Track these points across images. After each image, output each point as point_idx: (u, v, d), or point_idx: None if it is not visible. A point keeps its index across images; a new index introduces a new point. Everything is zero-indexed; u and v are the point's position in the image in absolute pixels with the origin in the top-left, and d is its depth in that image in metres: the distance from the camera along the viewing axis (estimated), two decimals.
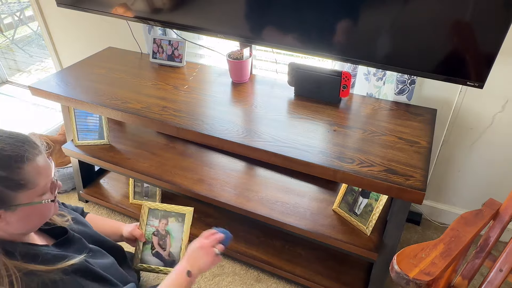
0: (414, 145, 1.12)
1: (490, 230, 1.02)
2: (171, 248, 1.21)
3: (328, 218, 1.30)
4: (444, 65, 1.08)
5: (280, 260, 1.47)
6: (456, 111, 1.40)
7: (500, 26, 0.96)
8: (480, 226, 0.93)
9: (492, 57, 1.01)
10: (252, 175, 1.49)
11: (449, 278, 1.03)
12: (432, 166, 1.58)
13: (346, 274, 1.43)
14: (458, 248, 0.84)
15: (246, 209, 1.33)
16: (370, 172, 1.02)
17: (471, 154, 1.49)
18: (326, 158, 1.07)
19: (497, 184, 1.51)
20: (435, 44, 1.06)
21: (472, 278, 1.03)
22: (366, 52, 1.16)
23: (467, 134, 1.45)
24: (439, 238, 0.87)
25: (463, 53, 1.04)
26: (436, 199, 1.69)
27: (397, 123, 1.23)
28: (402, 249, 0.81)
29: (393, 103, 1.34)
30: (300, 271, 1.43)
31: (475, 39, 1.01)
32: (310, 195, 1.40)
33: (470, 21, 0.98)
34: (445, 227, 1.72)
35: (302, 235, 1.28)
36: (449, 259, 0.80)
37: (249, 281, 1.50)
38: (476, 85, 1.07)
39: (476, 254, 1.03)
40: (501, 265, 0.99)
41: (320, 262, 1.47)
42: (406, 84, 1.29)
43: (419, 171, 1.02)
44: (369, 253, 1.19)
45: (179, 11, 1.40)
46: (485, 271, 1.40)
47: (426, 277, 0.75)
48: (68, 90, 1.45)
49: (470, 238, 0.88)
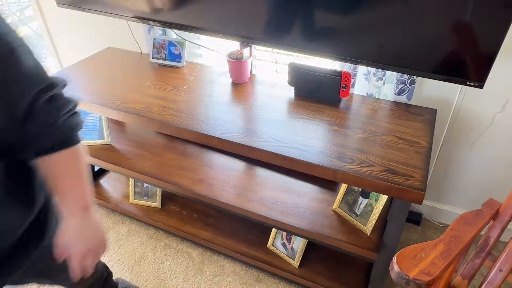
0: (414, 145, 1.12)
1: (490, 230, 1.02)
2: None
3: (328, 218, 1.30)
4: (444, 65, 1.08)
5: (280, 260, 1.47)
6: (456, 111, 1.40)
7: (500, 26, 0.96)
8: (480, 226, 0.93)
9: (492, 57, 1.01)
10: (252, 175, 1.49)
11: (449, 278, 1.03)
12: (432, 166, 1.58)
13: (346, 274, 1.43)
14: (458, 248, 0.84)
15: (246, 209, 1.33)
16: (370, 172, 1.02)
17: (471, 154, 1.49)
18: (326, 158, 1.07)
19: (497, 184, 1.51)
20: (435, 44, 1.06)
21: (472, 278, 1.03)
22: (366, 52, 1.16)
23: (467, 134, 1.45)
24: (439, 238, 0.87)
25: (463, 53, 1.04)
26: (436, 199, 1.69)
27: (397, 123, 1.23)
28: (402, 249, 0.81)
29: (393, 103, 1.34)
30: (300, 271, 1.43)
31: (475, 39, 1.01)
32: (310, 195, 1.40)
33: (470, 21, 0.98)
34: (445, 227, 1.72)
35: (302, 235, 1.28)
36: (449, 259, 0.80)
37: (249, 281, 1.50)
38: (476, 85, 1.07)
39: (476, 254, 1.03)
40: (501, 265, 0.99)
41: (320, 262, 1.47)
42: (406, 84, 1.29)
43: (419, 171, 1.02)
44: (369, 253, 1.19)
45: (179, 11, 1.40)
46: (485, 271, 1.40)
47: (426, 277, 0.75)
48: (68, 90, 1.45)
49: (470, 238, 0.88)
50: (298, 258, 1.43)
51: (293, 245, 1.45)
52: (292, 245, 1.45)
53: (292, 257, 1.45)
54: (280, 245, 1.49)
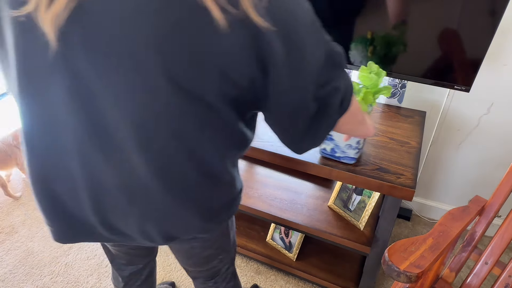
0: (405, 145, 1.13)
1: (476, 225, 1.03)
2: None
3: (324, 214, 1.30)
4: (433, 70, 1.08)
5: (278, 253, 1.48)
6: (444, 113, 1.41)
7: (486, 33, 0.97)
8: (466, 221, 0.94)
9: (478, 63, 1.01)
10: (252, 173, 1.50)
11: (438, 271, 1.04)
12: (421, 165, 1.59)
13: (340, 266, 1.44)
14: (446, 242, 0.85)
15: (247, 205, 1.33)
16: (364, 171, 1.03)
17: (458, 154, 1.50)
18: (322, 158, 1.08)
19: (483, 182, 1.52)
20: (424, 50, 1.06)
21: (459, 270, 1.04)
22: (358, 58, 1.16)
23: (455, 135, 1.45)
24: (428, 233, 0.87)
25: (451, 59, 1.05)
26: (426, 196, 1.70)
27: (389, 125, 1.23)
28: (394, 243, 0.82)
29: (385, 105, 1.35)
30: (297, 264, 1.44)
31: (462, 46, 1.01)
32: (306, 192, 1.40)
33: (457, 28, 0.99)
34: (433, 222, 1.72)
35: (299, 229, 1.28)
36: (438, 253, 0.81)
37: (249, 273, 1.51)
38: (463, 89, 1.08)
39: (463, 248, 1.04)
40: (487, 258, 0.99)
41: (316, 255, 1.47)
42: (397, 88, 1.30)
43: (409, 170, 1.03)
44: (362, 247, 1.20)
45: None
46: (472, 264, 1.40)
47: (416, 269, 0.75)
48: None
49: (457, 232, 0.89)
50: (295, 252, 1.44)
51: (291, 239, 1.46)
52: (289, 239, 1.46)
53: (290, 250, 1.46)
54: (279, 239, 1.49)
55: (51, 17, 0.45)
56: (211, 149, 0.59)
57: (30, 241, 1.62)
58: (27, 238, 1.64)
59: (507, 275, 0.96)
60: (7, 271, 1.49)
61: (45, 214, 0.66)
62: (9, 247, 1.60)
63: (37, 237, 1.64)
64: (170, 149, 0.55)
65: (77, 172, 0.59)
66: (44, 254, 1.57)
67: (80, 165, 0.58)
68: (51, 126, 0.56)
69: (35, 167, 0.61)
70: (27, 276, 1.48)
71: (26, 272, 1.49)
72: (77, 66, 0.49)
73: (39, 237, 1.64)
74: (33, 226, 1.70)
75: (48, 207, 0.64)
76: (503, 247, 0.97)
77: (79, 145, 0.56)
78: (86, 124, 0.53)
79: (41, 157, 0.60)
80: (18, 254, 1.56)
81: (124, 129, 0.53)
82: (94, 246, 1.60)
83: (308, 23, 0.51)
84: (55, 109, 0.54)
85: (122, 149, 0.55)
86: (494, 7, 0.94)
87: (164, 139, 0.54)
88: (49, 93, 0.52)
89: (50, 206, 0.64)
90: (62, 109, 0.53)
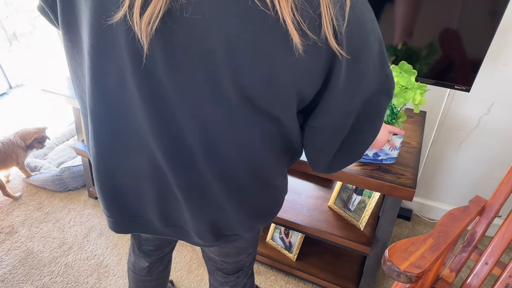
0: (405, 145, 1.13)
1: (476, 226, 1.02)
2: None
3: (324, 214, 1.30)
4: (433, 70, 1.08)
5: (278, 253, 1.47)
6: (445, 113, 1.41)
7: (486, 33, 0.96)
8: (467, 221, 0.93)
9: (478, 63, 1.01)
10: None
11: (438, 271, 1.03)
12: (422, 165, 1.58)
13: (341, 266, 1.43)
14: (446, 242, 0.84)
15: None
16: (364, 171, 1.02)
17: (458, 153, 1.49)
18: None
19: (483, 182, 1.52)
20: (425, 50, 1.06)
21: (460, 270, 1.04)
22: None
23: (455, 135, 1.45)
24: (428, 233, 0.87)
25: (451, 59, 1.04)
26: (426, 196, 1.69)
27: None
28: (394, 243, 0.81)
29: None
30: (297, 264, 1.43)
31: (462, 46, 1.01)
32: (306, 192, 1.40)
33: (458, 28, 0.99)
34: (434, 222, 1.72)
35: (299, 230, 1.28)
36: (438, 253, 0.81)
37: None
38: (463, 89, 1.08)
39: (463, 248, 1.04)
40: (487, 258, 0.99)
41: (316, 255, 1.47)
42: None
43: (410, 170, 1.02)
44: (363, 247, 1.19)
45: None
46: (472, 264, 1.40)
47: (416, 269, 0.75)
48: None
49: (458, 233, 0.89)
50: (295, 252, 1.44)
51: (291, 239, 1.45)
52: (289, 239, 1.46)
53: (290, 250, 1.45)
54: (279, 239, 1.49)
55: (145, 21, 0.45)
56: (269, 157, 0.63)
57: (30, 241, 1.62)
58: (27, 238, 1.63)
59: (507, 275, 0.95)
60: (6, 271, 1.49)
61: (107, 207, 0.71)
62: (9, 247, 1.59)
63: (37, 237, 1.64)
64: (233, 155, 0.59)
65: (144, 170, 0.63)
66: (44, 254, 1.56)
67: (148, 164, 0.61)
68: (122, 125, 0.58)
69: (101, 163, 0.64)
70: (26, 276, 1.47)
71: (26, 272, 1.49)
72: (156, 70, 0.50)
73: (39, 237, 1.64)
74: (33, 226, 1.69)
75: (112, 201, 0.69)
76: (504, 247, 0.97)
77: (149, 146, 0.59)
78: (158, 126, 0.56)
79: (108, 154, 0.63)
80: (18, 254, 1.56)
81: (193, 135, 0.56)
82: (94, 246, 1.60)
83: (376, 54, 0.55)
84: (128, 110, 0.56)
85: (191, 151, 0.58)
86: (494, 7, 0.93)
87: (228, 147, 0.58)
88: (125, 94, 0.54)
89: (113, 200, 0.69)
90: (135, 111, 0.55)
